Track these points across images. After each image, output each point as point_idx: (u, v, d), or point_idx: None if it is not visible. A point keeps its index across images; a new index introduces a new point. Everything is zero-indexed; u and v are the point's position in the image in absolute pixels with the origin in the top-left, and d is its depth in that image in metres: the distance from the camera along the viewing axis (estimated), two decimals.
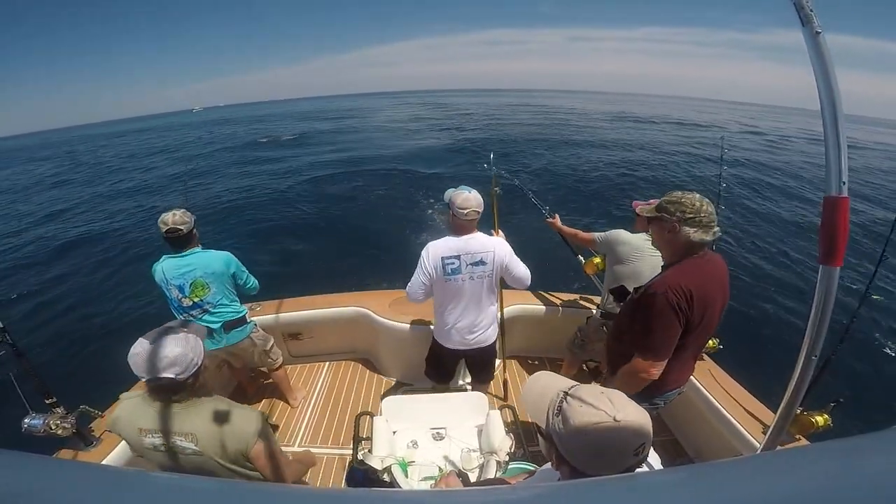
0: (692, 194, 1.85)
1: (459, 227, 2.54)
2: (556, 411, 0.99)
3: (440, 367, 3.08)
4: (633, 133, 31.77)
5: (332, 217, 11.60)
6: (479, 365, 3.05)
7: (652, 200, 2.94)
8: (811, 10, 1.00)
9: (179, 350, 1.47)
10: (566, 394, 1.00)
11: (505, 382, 3.57)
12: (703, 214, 1.81)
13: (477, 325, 2.75)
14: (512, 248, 2.66)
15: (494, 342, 2.91)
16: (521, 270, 2.65)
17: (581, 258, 3.64)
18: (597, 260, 3.49)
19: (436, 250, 2.55)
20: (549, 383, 1.10)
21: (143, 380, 1.49)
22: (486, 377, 3.16)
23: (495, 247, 2.57)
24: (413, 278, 2.63)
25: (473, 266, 2.55)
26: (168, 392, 1.54)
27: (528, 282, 2.70)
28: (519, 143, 24.74)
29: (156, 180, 18.85)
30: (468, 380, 3.51)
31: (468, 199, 2.47)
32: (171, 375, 1.46)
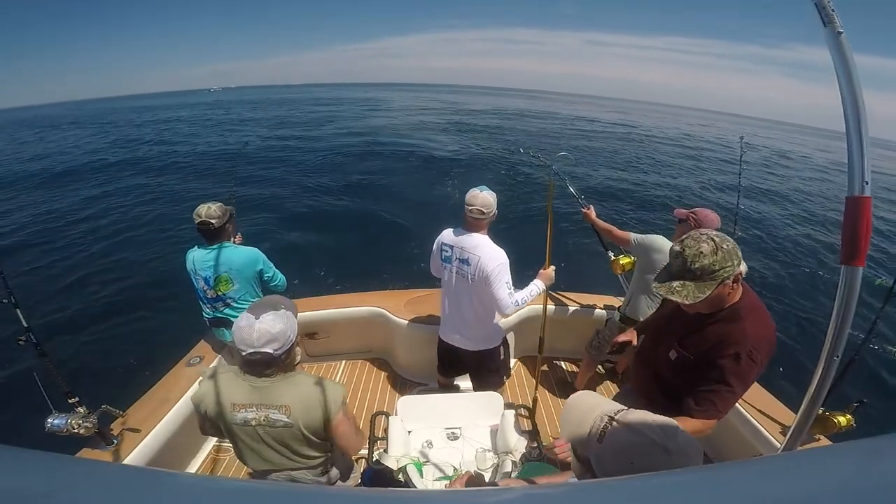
0: (711, 236, 1.57)
1: (466, 222, 2.58)
2: (598, 436, 0.94)
3: (441, 359, 3.11)
4: (653, 143, 31.60)
5: (350, 214, 11.60)
6: (474, 369, 3.01)
7: (697, 208, 2.91)
8: (833, 10, 1.00)
9: (281, 326, 1.58)
10: (612, 419, 0.95)
11: (521, 382, 3.56)
12: (735, 245, 1.59)
13: (461, 323, 2.77)
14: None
15: (488, 352, 2.85)
16: (500, 293, 2.48)
17: (611, 254, 3.55)
18: (624, 260, 3.42)
19: (441, 236, 2.72)
20: (594, 405, 1.04)
21: (244, 353, 1.57)
22: (478, 385, 3.04)
23: (483, 253, 2.49)
24: None
25: (461, 262, 2.60)
26: (262, 366, 1.64)
27: (505, 310, 2.54)
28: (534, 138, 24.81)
29: (196, 166, 18.79)
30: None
31: (475, 196, 2.49)
32: (270, 350, 1.56)
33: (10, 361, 5.16)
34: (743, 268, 1.57)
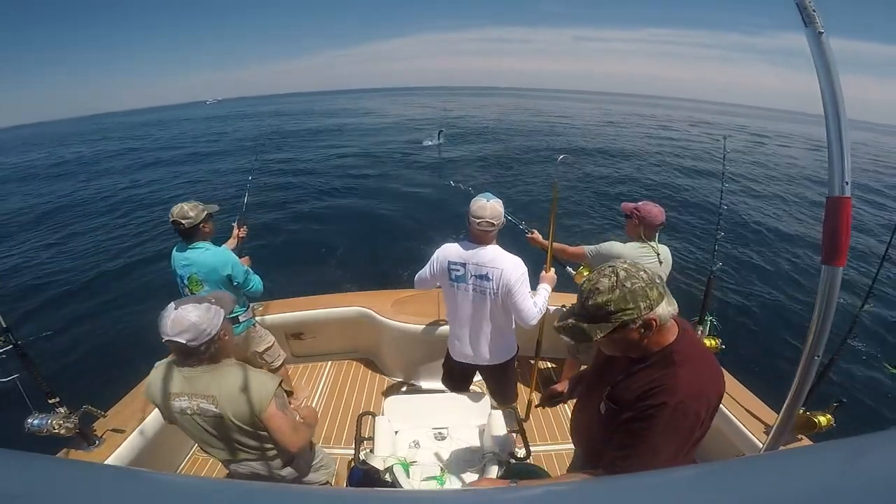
0: (618, 269, 1.30)
1: (473, 235, 2.38)
2: None
3: (450, 376, 2.99)
4: (640, 135, 31.80)
5: (342, 214, 11.66)
6: (493, 382, 2.93)
7: (642, 202, 2.91)
8: (814, 11, 1.00)
9: (195, 319, 1.59)
10: None
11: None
12: (657, 279, 1.30)
13: (480, 340, 2.61)
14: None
15: (506, 363, 2.74)
16: (524, 304, 2.36)
17: (571, 270, 3.51)
18: (587, 272, 3.40)
19: (445, 252, 2.46)
20: None
21: (163, 340, 1.61)
22: (501, 398, 2.89)
23: (504, 265, 2.32)
24: (424, 268, 2.59)
25: (479, 279, 2.38)
26: (182, 355, 1.68)
27: (531, 321, 2.40)
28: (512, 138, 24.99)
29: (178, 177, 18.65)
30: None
31: (482, 207, 2.29)
32: (182, 341, 1.58)
33: None
34: (663, 311, 1.27)
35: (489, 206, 2.29)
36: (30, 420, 2.22)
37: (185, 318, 1.58)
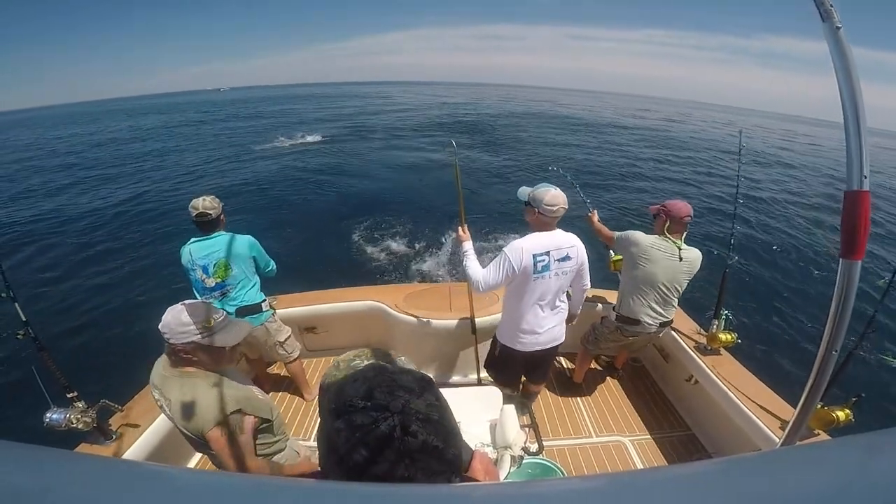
0: None
1: (542, 224, 2.50)
2: None
3: (511, 371, 3.00)
4: (638, 134, 31.52)
5: (347, 209, 11.66)
6: (543, 364, 2.99)
7: (667, 201, 2.92)
8: (831, 6, 0.99)
9: (168, 319, 1.69)
10: None
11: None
12: None
13: (557, 322, 2.75)
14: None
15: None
16: (587, 272, 2.72)
17: (612, 253, 3.57)
18: (615, 258, 3.46)
19: (524, 249, 2.45)
20: None
21: None
22: (543, 377, 3.11)
23: (577, 242, 2.58)
24: (491, 273, 2.50)
25: (560, 262, 2.53)
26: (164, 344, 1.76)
27: (589, 284, 2.79)
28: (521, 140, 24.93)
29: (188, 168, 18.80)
30: (483, 374, 3.46)
31: (556, 196, 2.42)
32: (162, 331, 1.69)
33: (9, 356, 5.16)
34: None
35: (560, 194, 2.45)
36: (49, 414, 2.23)
37: (167, 314, 1.69)
